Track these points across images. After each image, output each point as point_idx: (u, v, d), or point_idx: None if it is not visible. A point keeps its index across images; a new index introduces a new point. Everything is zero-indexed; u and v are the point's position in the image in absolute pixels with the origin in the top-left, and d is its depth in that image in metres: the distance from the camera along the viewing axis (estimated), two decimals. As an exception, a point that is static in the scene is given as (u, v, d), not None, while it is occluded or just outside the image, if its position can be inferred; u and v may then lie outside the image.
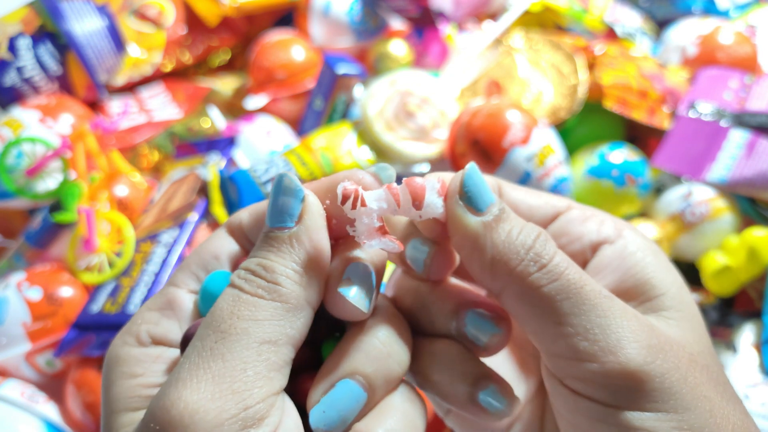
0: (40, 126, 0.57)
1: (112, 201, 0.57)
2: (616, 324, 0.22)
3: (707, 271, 0.55)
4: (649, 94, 0.63)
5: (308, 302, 0.23)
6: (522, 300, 0.22)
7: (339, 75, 0.61)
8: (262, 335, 0.22)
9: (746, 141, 0.59)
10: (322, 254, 0.23)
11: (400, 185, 0.24)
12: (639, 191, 0.59)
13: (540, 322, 0.22)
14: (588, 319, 0.22)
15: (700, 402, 0.22)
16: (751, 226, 0.56)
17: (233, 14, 0.70)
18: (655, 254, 0.26)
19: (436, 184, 0.24)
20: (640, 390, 0.21)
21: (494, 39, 0.69)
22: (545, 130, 0.56)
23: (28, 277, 0.53)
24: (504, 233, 0.23)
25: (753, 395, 0.50)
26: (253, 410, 0.21)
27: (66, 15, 0.62)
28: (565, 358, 0.22)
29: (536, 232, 0.23)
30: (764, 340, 0.53)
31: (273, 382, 0.21)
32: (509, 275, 0.22)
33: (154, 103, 0.67)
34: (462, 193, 0.23)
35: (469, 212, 0.23)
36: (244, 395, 0.21)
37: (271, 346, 0.22)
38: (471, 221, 0.23)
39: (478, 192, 0.23)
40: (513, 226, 0.23)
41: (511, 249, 0.22)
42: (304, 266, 0.23)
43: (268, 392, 0.21)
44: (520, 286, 0.22)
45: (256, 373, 0.21)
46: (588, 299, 0.22)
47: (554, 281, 0.22)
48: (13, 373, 0.53)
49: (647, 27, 0.78)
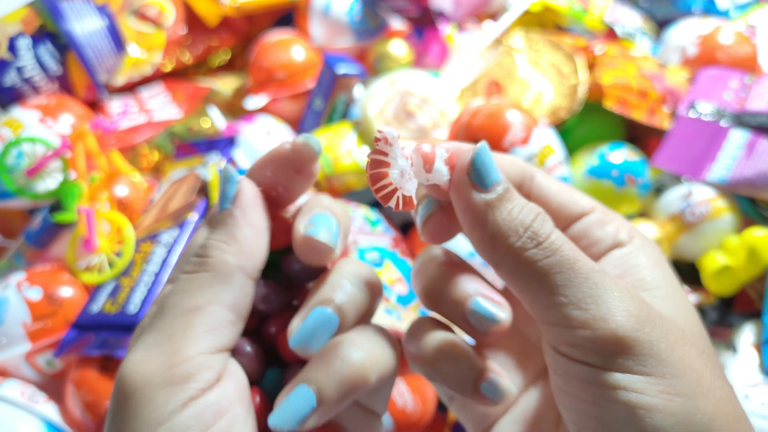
0: (40, 126, 0.57)
1: (112, 201, 0.57)
2: (607, 295, 0.23)
3: (707, 271, 0.55)
4: (649, 94, 0.63)
5: (240, 268, 0.25)
6: (518, 273, 0.24)
7: (339, 75, 0.61)
8: (189, 304, 0.24)
9: (746, 141, 0.59)
10: (255, 225, 0.26)
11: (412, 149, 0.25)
12: (639, 191, 0.59)
13: (535, 294, 0.24)
14: (580, 290, 0.23)
15: (687, 371, 0.23)
16: (751, 226, 0.56)
17: (233, 14, 0.70)
18: (657, 262, 0.28)
19: (445, 153, 0.25)
20: (629, 354, 0.23)
21: (494, 39, 0.69)
22: (545, 130, 0.56)
23: (28, 277, 0.53)
24: (505, 212, 0.24)
25: (753, 395, 0.50)
26: (179, 369, 0.23)
27: (66, 15, 0.62)
28: (559, 326, 0.23)
29: (535, 212, 0.25)
30: (764, 340, 0.53)
31: (201, 343, 0.23)
32: (507, 250, 0.24)
33: (154, 103, 0.67)
34: (470, 169, 0.25)
35: (474, 189, 0.24)
36: (170, 356, 0.23)
37: (199, 312, 0.24)
38: (475, 197, 0.24)
39: (486, 170, 0.25)
40: (515, 206, 0.24)
41: (510, 227, 0.24)
42: (236, 237, 0.25)
43: (197, 352, 0.23)
44: (516, 261, 0.24)
45: (183, 337, 0.23)
46: (581, 272, 0.23)
47: (549, 257, 0.23)
48: (13, 373, 0.53)
49: (647, 27, 0.78)
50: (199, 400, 0.23)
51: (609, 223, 0.29)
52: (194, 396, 0.23)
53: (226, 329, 0.24)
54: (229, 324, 0.25)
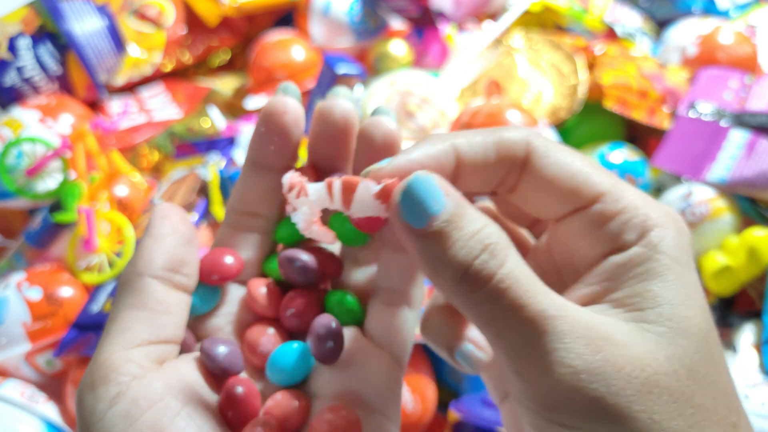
0: (40, 126, 0.57)
1: (112, 201, 0.57)
2: (552, 344, 0.21)
3: (707, 271, 0.55)
4: (649, 94, 0.63)
5: (139, 274, 0.26)
6: (463, 311, 0.22)
7: (339, 75, 0.61)
8: (111, 315, 0.26)
9: (746, 141, 0.59)
10: (155, 234, 0.27)
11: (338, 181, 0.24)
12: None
13: (483, 331, 0.22)
14: (523, 339, 0.21)
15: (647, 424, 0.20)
16: (751, 226, 0.56)
17: (233, 14, 0.70)
18: (670, 267, 0.23)
19: (374, 187, 0.23)
20: (575, 410, 0.21)
21: (494, 39, 0.69)
22: (545, 130, 0.56)
23: (28, 277, 0.53)
24: (444, 249, 0.21)
25: (753, 395, 0.50)
26: (98, 371, 0.24)
27: (66, 15, 0.62)
28: (507, 370, 0.22)
29: (481, 245, 0.21)
30: (764, 340, 0.53)
31: (115, 343, 0.25)
32: (448, 291, 0.22)
33: (154, 103, 0.67)
34: (399, 208, 0.22)
35: (406, 227, 0.22)
36: (92, 363, 0.24)
37: (113, 319, 0.26)
38: (410, 235, 0.22)
39: (418, 207, 0.22)
40: (457, 239, 0.21)
41: (449, 266, 0.21)
42: (140, 247, 0.27)
43: (111, 352, 0.24)
44: (459, 302, 0.22)
45: (101, 343, 0.25)
46: (525, 320, 0.21)
47: (493, 302, 0.21)
48: (13, 373, 0.53)
49: (647, 27, 0.78)
50: (126, 394, 0.23)
51: (616, 216, 0.23)
52: (121, 391, 0.23)
53: (140, 324, 0.25)
54: (141, 320, 0.25)
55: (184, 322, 0.26)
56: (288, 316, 0.28)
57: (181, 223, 0.27)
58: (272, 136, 0.28)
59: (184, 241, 0.27)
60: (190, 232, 0.27)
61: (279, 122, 0.28)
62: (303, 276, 0.28)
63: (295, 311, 0.28)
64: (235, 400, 0.25)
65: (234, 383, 0.25)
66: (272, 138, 0.28)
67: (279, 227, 0.30)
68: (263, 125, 0.28)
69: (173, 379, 0.24)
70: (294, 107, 0.29)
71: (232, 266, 0.28)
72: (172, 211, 0.27)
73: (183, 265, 0.27)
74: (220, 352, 0.26)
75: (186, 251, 0.27)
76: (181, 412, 0.24)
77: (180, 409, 0.24)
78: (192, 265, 0.27)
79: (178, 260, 0.26)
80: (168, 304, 0.26)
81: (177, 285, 0.26)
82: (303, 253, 0.28)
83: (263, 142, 0.29)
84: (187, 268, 0.27)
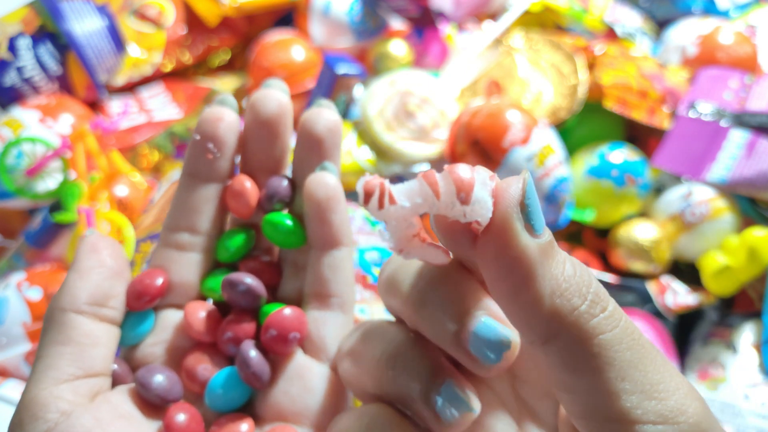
0: (40, 126, 0.57)
1: (112, 201, 0.57)
2: (675, 380, 0.19)
3: (707, 271, 0.55)
4: (649, 94, 0.63)
5: (61, 309, 0.26)
6: (578, 348, 0.18)
7: (339, 75, 0.61)
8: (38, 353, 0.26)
9: (746, 141, 0.59)
10: (79, 269, 0.27)
11: (440, 173, 0.19)
12: (639, 191, 0.59)
13: (593, 377, 0.18)
14: (652, 374, 0.18)
15: None
16: (751, 226, 0.56)
17: (233, 14, 0.70)
18: None
19: (488, 179, 0.19)
20: None
21: (494, 39, 0.69)
22: (545, 130, 0.56)
23: (28, 277, 0.53)
24: (561, 264, 0.18)
25: (753, 395, 0.50)
26: (26, 409, 0.24)
27: (66, 15, 0.62)
28: (619, 420, 0.18)
29: (587, 269, 0.19)
30: (764, 340, 0.53)
31: (42, 380, 0.24)
32: (570, 316, 0.18)
33: (154, 103, 0.67)
34: (523, 204, 0.18)
35: (527, 231, 0.18)
36: (21, 401, 0.24)
37: (39, 358, 0.25)
38: (529, 242, 0.18)
39: (537, 208, 0.19)
40: (567, 258, 0.19)
41: (573, 285, 0.18)
42: (64, 282, 0.27)
43: (39, 390, 0.24)
44: (581, 331, 0.18)
45: (30, 381, 0.24)
46: (650, 351, 0.19)
47: (615, 328, 0.18)
48: (13, 373, 0.53)
49: (647, 27, 0.78)
50: (56, 429, 0.23)
51: None
52: (49, 428, 0.23)
53: (66, 360, 0.24)
54: (67, 355, 0.24)
55: (112, 354, 0.26)
56: (225, 340, 0.27)
57: (109, 256, 0.27)
58: (207, 144, 0.28)
59: (111, 273, 0.26)
60: (119, 264, 0.27)
61: (214, 130, 0.28)
62: (246, 300, 0.27)
63: (232, 335, 0.27)
64: (177, 429, 0.25)
65: (175, 410, 0.25)
66: (208, 146, 0.28)
67: (220, 245, 0.29)
68: (198, 133, 0.28)
69: (104, 412, 0.24)
70: (229, 116, 0.28)
71: (156, 286, 0.27)
72: (101, 243, 0.27)
73: (109, 299, 0.26)
74: (157, 381, 0.25)
75: (112, 284, 0.26)
76: None
77: None
78: (119, 297, 0.27)
79: (103, 294, 0.26)
80: (95, 336, 0.25)
81: (103, 318, 0.26)
82: (247, 275, 0.27)
83: (199, 151, 0.28)
84: (114, 300, 0.26)
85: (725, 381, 0.52)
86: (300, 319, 0.27)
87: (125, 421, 0.24)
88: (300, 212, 0.29)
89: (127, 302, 0.27)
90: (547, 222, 0.57)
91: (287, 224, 0.28)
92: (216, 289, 0.28)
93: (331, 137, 0.29)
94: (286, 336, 0.26)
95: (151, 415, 0.26)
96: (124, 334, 0.27)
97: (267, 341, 0.26)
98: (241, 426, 0.26)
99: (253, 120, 0.29)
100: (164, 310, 0.28)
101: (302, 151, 0.29)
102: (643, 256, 0.58)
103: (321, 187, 0.28)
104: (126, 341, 0.27)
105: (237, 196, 0.28)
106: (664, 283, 0.58)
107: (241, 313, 0.27)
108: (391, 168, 0.58)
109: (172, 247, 0.28)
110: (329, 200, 0.28)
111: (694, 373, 0.55)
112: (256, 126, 0.28)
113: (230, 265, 0.29)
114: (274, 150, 0.29)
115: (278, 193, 0.28)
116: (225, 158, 0.29)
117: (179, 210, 0.29)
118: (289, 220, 0.28)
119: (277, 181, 0.28)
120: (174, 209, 0.29)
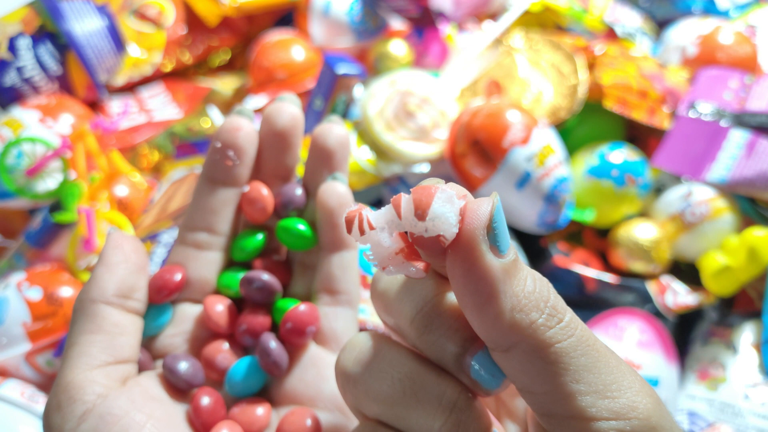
0: (40, 126, 0.57)
1: (112, 201, 0.57)
2: (627, 380, 0.21)
3: (707, 271, 0.55)
4: (649, 94, 0.63)
5: (92, 301, 0.27)
6: (535, 356, 0.20)
7: (339, 75, 0.61)
8: (68, 341, 0.27)
9: (746, 141, 0.59)
10: (107, 263, 0.29)
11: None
12: (639, 191, 0.59)
13: (551, 381, 0.20)
14: (605, 375, 0.20)
15: None
16: (751, 226, 0.56)
17: (233, 14, 0.70)
18: None
19: (456, 197, 0.20)
20: None
21: (494, 39, 0.69)
22: (545, 130, 0.56)
23: (28, 277, 0.53)
24: (522, 282, 0.20)
25: (753, 395, 0.50)
26: (63, 392, 0.25)
27: (66, 15, 0.62)
28: (578, 418, 0.20)
29: (548, 284, 0.21)
30: (764, 340, 0.53)
31: (77, 366, 0.26)
32: (528, 329, 0.20)
33: (154, 103, 0.67)
34: (490, 227, 0.19)
35: (492, 251, 0.20)
36: (56, 385, 0.26)
37: (71, 345, 0.27)
38: (494, 263, 0.19)
39: (504, 229, 0.20)
40: (528, 275, 0.20)
41: (532, 301, 0.20)
42: (93, 275, 0.29)
43: (74, 375, 0.26)
44: (538, 341, 0.20)
45: (62, 367, 0.26)
46: (603, 355, 0.20)
47: (570, 337, 0.20)
48: (13, 373, 0.53)
49: (647, 27, 0.78)
50: (93, 412, 0.25)
51: None
52: (88, 409, 0.25)
53: (98, 347, 0.26)
54: (98, 343, 0.26)
55: (138, 342, 0.28)
56: (241, 332, 0.30)
57: (133, 252, 0.29)
58: (228, 151, 0.30)
59: (135, 268, 0.29)
60: (141, 260, 0.29)
61: (234, 139, 0.30)
62: (262, 295, 0.30)
63: (247, 328, 0.29)
64: (204, 410, 0.27)
65: (201, 394, 0.27)
66: (228, 154, 0.30)
67: (235, 245, 0.31)
68: (218, 140, 0.30)
69: (137, 395, 0.26)
70: (248, 126, 0.31)
71: (175, 281, 0.30)
72: (125, 240, 0.29)
73: (134, 291, 0.28)
74: (182, 367, 0.28)
75: (137, 278, 0.29)
76: (147, 425, 0.25)
77: (146, 421, 0.25)
78: (142, 290, 0.29)
79: (129, 287, 0.28)
80: (122, 326, 0.27)
81: (129, 309, 0.28)
82: (264, 273, 0.30)
83: (219, 158, 0.30)
84: (138, 293, 0.29)
85: (725, 381, 0.52)
86: (314, 314, 0.29)
87: (157, 402, 0.26)
88: (311, 218, 0.32)
89: (150, 297, 0.29)
90: (548, 222, 0.57)
91: (301, 229, 0.31)
92: (231, 286, 0.30)
93: (341, 150, 0.31)
94: (304, 329, 0.29)
95: (178, 398, 0.28)
96: (145, 325, 0.29)
97: (285, 333, 0.29)
98: (258, 409, 0.28)
99: (267, 130, 0.31)
100: (181, 303, 0.31)
101: (314, 162, 0.32)
102: (643, 256, 0.58)
103: (334, 195, 0.30)
104: (147, 332, 0.29)
105: (254, 203, 0.31)
106: (664, 283, 0.58)
107: (257, 308, 0.30)
108: (391, 168, 0.58)
109: (190, 245, 0.31)
110: (341, 207, 0.30)
111: (694, 373, 0.55)
112: (270, 136, 0.31)
113: (244, 263, 0.32)
114: (286, 159, 0.32)
115: (294, 200, 0.31)
116: (243, 165, 0.31)
117: (198, 211, 0.31)
118: (302, 225, 0.31)
119: (292, 190, 0.31)
120: (192, 210, 0.31)
